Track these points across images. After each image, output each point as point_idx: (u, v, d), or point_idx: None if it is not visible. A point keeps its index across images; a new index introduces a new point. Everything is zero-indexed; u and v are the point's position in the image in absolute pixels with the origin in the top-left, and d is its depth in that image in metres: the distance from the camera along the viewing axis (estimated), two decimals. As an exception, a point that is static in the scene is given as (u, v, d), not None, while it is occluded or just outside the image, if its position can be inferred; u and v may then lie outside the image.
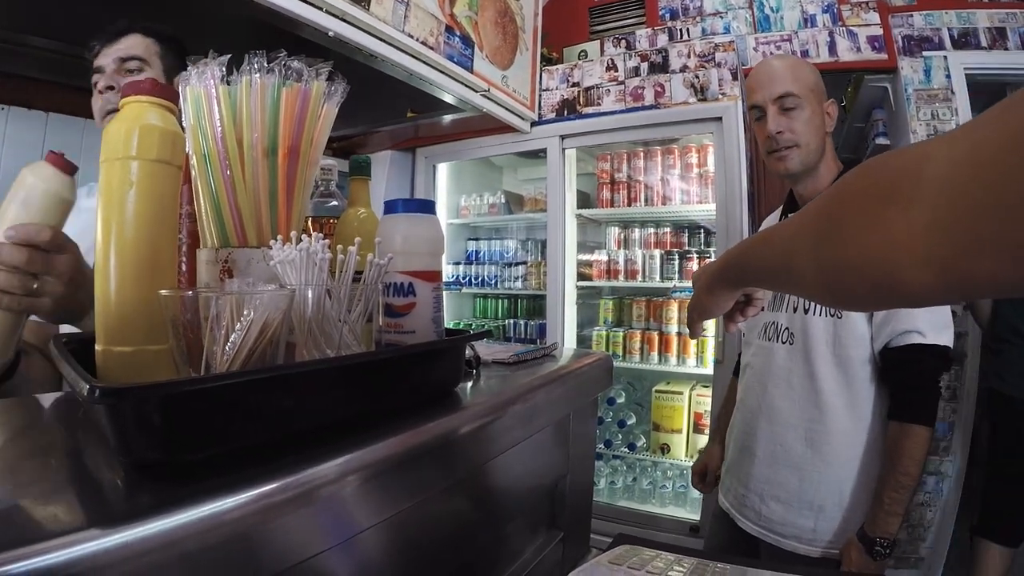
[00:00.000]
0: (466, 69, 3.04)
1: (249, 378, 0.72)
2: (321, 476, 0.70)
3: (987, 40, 3.41)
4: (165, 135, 0.86)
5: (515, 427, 1.13)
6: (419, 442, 0.86)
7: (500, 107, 3.43)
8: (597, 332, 3.86)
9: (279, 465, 0.67)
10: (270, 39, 2.24)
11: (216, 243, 0.97)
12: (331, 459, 0.71)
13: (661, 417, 3.61)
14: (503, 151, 4.00)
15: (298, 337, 0.88)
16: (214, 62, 0.96)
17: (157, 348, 0.85)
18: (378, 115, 3.72)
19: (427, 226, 1.05)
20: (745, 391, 2.05)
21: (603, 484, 3.74)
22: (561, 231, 3.75)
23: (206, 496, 0.58)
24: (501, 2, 3.39)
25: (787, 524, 1.84)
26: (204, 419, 0.67)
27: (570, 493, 1.50)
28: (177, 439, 0.65)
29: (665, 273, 3.67)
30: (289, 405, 0.76)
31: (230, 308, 0.78)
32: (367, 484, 0.76)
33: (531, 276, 4.13)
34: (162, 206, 0.87)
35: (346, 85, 1.09)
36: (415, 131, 4.09)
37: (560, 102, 3.76)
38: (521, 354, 1.46)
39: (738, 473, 2.01)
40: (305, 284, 0.87)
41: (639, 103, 3.54)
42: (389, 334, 1.03)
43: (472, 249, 4.56)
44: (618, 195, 3.84)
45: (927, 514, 3.26)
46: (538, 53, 3.82)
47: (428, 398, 1.00)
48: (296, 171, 0.98)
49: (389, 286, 1.02)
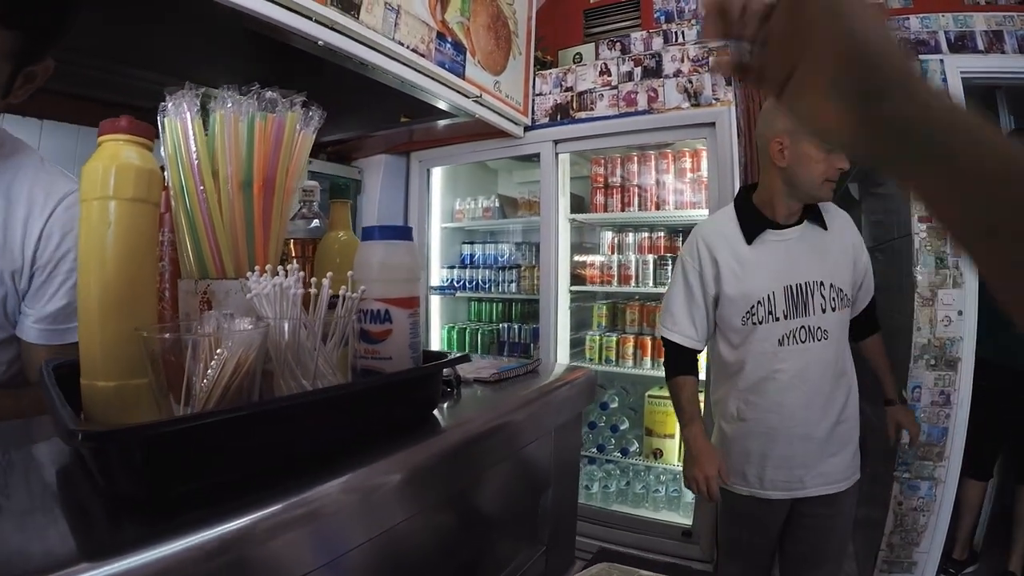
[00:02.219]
0: (458, 75, 3.04)
1: (220, 418, 0.75)
2: (295, 508, 0.72)
3: (984, 43, 3.37)
4: (141, 173, 0.87)
5: (492, 451, 1.15)
6: (390, 470, 0.88)
7: (493, 112, 3.44)
8: (591, 336, 3.87)
9: (258, 497, 0.69)
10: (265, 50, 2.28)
11: (196, 273, 0.98)
12: (301, 492, 0.74)
13: (654, 422, 3.62)
14: (497, 156, 4.01)
15: (275, 367, 0.90)
16: (190, 93, 0.97)
17: (138, 382, 0.86)
18: (372, 120, 3.72)
19: (404, 253, 1.07)
20: (780, 394, 2.16)
21: (596, 488, 3.75)
22: (554, 236, 3.77)
23: (188, 529, 0.61)
24: (494, 7, 3.40)
25: (841, 469, 2.23)
26: (182, 457, 0.70)
27: (553, 507, 1.51)
28: (156, 476, 0.67)
29: (658, 278, 3.68)
30: (263, 439, 0.78)
31: (208, 342, 0.80)
32: (337, 515, 0.78)
33: (525, 280, 4.13)
34: (139, 244, 0.88)
35: (323, 112, 1.10)
36: (410, 135, 4.09)
37: (553, 106, 3.77)
38: (503, 371, 1.47)
39: (791, 464, 2.18)
40: (280, 317, 0.89)
41: (632, 108, 3.55)
42: (366, 360, 1.04)
43: (467, 253, 4.56)
44: (612, 199, 3.84)
45: (920, 519, 3.26)
46: (532, 57, 3.82)
47: (404, 424, 1.01)
48: (272, 202, 1.00)
49: (366, 313, 1.03)
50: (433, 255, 4.44)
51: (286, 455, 0.81)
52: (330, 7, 2.25)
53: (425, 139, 4.17)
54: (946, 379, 3.21)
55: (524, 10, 3.72)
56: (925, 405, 3.23)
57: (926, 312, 3.21)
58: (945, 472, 3.20)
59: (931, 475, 3.23)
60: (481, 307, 4.58)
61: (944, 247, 3.20)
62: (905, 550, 3.29)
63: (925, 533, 3.24)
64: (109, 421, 0.85)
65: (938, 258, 3.23)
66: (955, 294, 3.18)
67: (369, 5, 2.44)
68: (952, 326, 3.19)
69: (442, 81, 2.95)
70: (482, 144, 3.94)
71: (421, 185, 4.34)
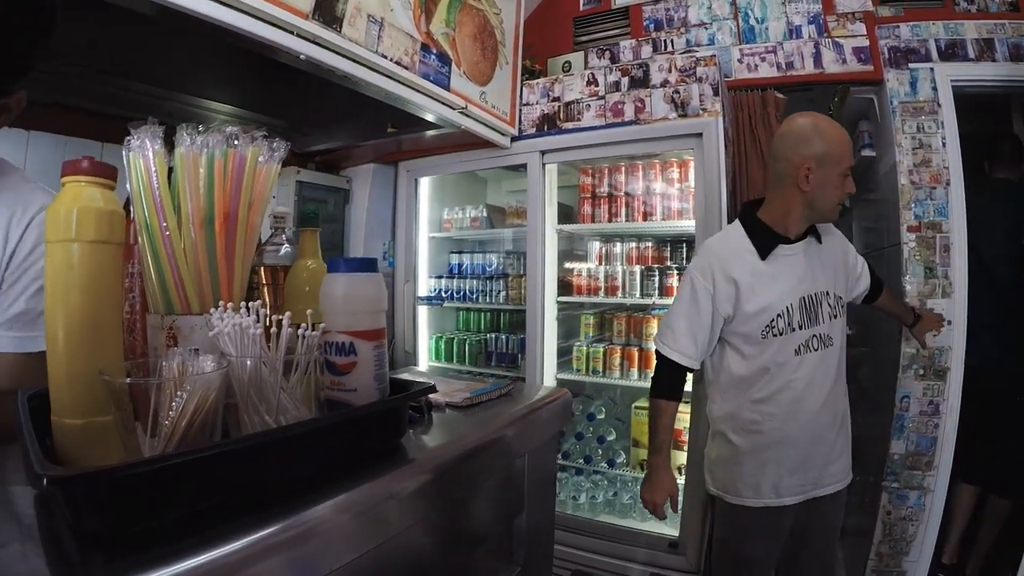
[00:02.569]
0: (442, 87, 3.04)
1: (179, 460, 0.76)
2: (260, 543, 0.74)
3: (975, 51, 3.39)
4: (102, 215, 0.87)
5: (461, 481, 1.16)
6: (356, 504, 0.89)
7: (479, 123, 3.43)
8: (578, 347, 3.85)
9: (223, 532, 0.72)
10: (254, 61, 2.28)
11: (162, 308, 0.99)
12: (266, 527, 0.75)
13: (640, 433, 3.61)
14: (484, 166, 4.00)
15: (239, 402, 0.91)
16: (153, 129, 0.98)
17: (105, 420, 0.87)
18: (361, 129, 3.73)
19: (368, 285, 1.07)
20: (796, 401, 2.23)
21: (583, 499, 3.75)
22: (541, 246, 3.75)
23: (155, 565, 0.63)
24: (480, 17, 3.40)
25: (845, 468, 2.37)
26: (144, 496, 0.72)
27: (528, 528, 1.52)
28: (120, 516, 0.70)
29: (645, 289, 3.67)
30: (224, 477, 0.80)
31: (173, 380, 0.81)
32: (303, 548, 0.79)
33: (513, 290, 4.11)
34: (102, 285, 0.89)
35: (287, 144, 1.10)
36: (398, 145, 4.08)
37: (540, 117, 3.75)
38: (475, 395, 1.48)
39: (807, 467, 2.26)
40: (241, 355, 0.90)
41: (619, 119, 3.54)
42: (332, 391, 1.05)
43: (455, 262, 4.55)
44: (599, 210, 3.83)
45: (910, 528, 3.28)
46: (519, 67, 3.81)
47: (370, 457, 1.02)
48: (235, 236, 1.00)
49: (331, 345, 1.04)
50: (421, 265, 4.42)
51: (249, 492, 0.82)
52: (312, 21, 2.25)
53: (413, 149, 4.16)
54: (935, 389, 3.25)
55: (512, 20, 3.72)
56: (914, 415, 3.26)
57: (915, 321, 3.23)
58: (934, 481, 3.23)
59: (920, 484, 3.25)
60: (469, 317, 4.57)
61: (933, 257, 3.22)
62: (894, 559, 3.32)
63: (914, 543, 3.27)
64: (78, 457, 0.87)
65: (927, 268, 3.26)
66: (944, 304, 3.21)
67: (352, 18, 2.44)
68: (941, 336, 3.18)
69: (427, 93, 2.95)
70: (469, 154, 3.93)
71: (409, 195, 4.33)
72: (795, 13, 3.84)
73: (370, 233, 4.21)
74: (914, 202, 3.30)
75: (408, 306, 4.31)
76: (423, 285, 4.40)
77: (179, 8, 1.82)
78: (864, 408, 2.66)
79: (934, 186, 3.28)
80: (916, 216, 3.29)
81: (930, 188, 3.28)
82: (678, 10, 4.18)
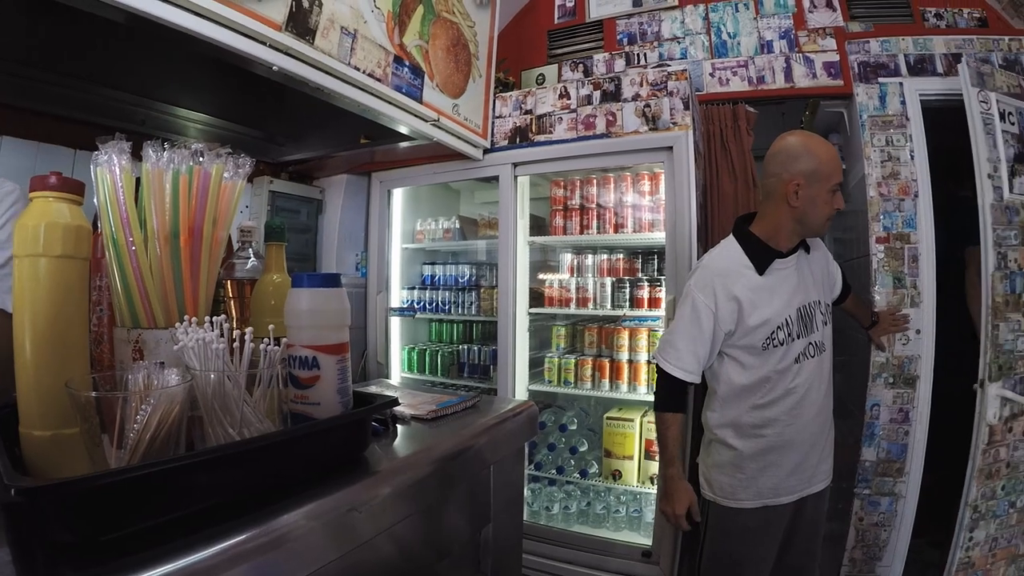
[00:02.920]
0: (415, 100, 3.05)
1: (143, 472, 0.77)
2: (223, 553, 0.76)
3: (943, 66, 3.45)
4: (68, 231, 0.89)
5: (424, 493, 1.17)
6: (317, 516, 0.90)
7: (451, 136, 3.44)
8: (549, 358, 3.86)
9: (186, 543, 0.73)
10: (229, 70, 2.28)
11: (128, 322, 1.00)
12: (229, 538, 0.77)
13: (612, 444, 3.63)
14: (456, 178, 3.99)
15: (203, 414, 0.92)
16: (120, 144, 0.99)
17: (72, 432, 0.89)
18: (333, 140, 3.71)
19: (332, 300, 1.09)
20: (797, 407, 2.31)
21: (557, 509, 3.75)
22: (512, 258, 3.76)
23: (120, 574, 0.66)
24: (454, 29, 3.41)
25: (831, 466, 2.48)
26: (110, 507, 0.73)
27: (495, 540, 1.53)
28: (85, 526, 0.72)
29: (616, 301, 3.69)
30: (186, 490, 0.81)
31: (138, 393, 0.83)
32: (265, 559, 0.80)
33: (485, 301, 4.11)
34: (69, 299, 0.90)
35: (252, 160, 1.12)
36: (371, 156, 4.08)
37: (513, 129, 3.77)
38: (441, 408, 1.49)
39: (803, 467, 2.36)
40: (205, 369, 0.91)
41: (591, 132, 3.56)
42: (296, 404, 1.06)
43: (428, 274, 4.54)
44: (571, 222, 3.84)
45: (882, 534, 3.32)
46: (492, 80, 3.82)
47: (332, 469, 1.03)
48: (200, 252, 1.02)
49: (295, 359, 1.05)
50: (394, 276, 4.41)
51: (213, 504, 0.84)
52: (285, 33, 2.25)
53: (386, 160, 4.16)
54: (904, 396, 3.28)
55: (485, 32, 3.73)
56: (884, 423, 3.30)
57: (885, 331, 3.28)
58: (906, 488, 3.27)
59: (892, 491, 3.29)
60: (442, 328, 4.56)
61: (902, 267, 3.27)
62: (868, 565, 3.36)
63: (887, 548, 3.31)
64: (46, 468, 0.88)
65: (896, 278, 3.30)
66: (913, 313, 3.25)
67: (325, 30, 2.44)
68: (910, 345, 3.27)
69: (399, 105, 2.95)
70: (442, 166, 3.94)
71: (382, 205, 4.33)
72: (767, 28, 3.88)
73: (343, 243, 4.21)
74: (883, 213, 3.34)
75: (380, 317, 4.29)
76: (395, 296, 4.39)
77: (150, 17, 1.81)
78: (836, 415, 2.68)
79: (902, 198, 3.32)
80: (885, 227, 3.34)
81: (898, 200, 3.33)
82: (651, 24, 4.22)
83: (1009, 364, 2.96)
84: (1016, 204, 2.97)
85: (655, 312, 3.55)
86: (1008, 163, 2.98)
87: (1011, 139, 3.02)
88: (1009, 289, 2.95)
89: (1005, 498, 3.03)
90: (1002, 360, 2.94)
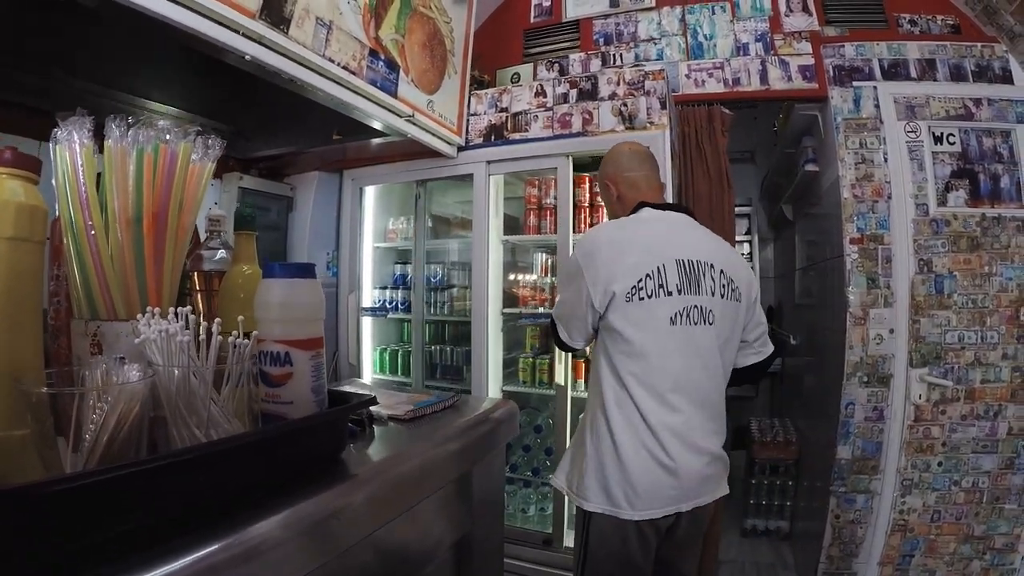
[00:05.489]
0: (390, 94, 3.00)
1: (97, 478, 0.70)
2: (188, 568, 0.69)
3: (916, 71, 3.49)
4: (22, 210, 0.82)
5: (402, 497, 1.12)
6: (289, 523, 0.84)
7: (425, 132, 3.39)
8: (523, 359, 3.83)
9: (146, 557, 0.67)
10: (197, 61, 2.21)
11: (86, 313, 0.93)
12: (193, 551, 0.71)
13: (588, 444, 3.59)
14: (430, 175, 3.95)
15: (167, 414, 0.86)
16: (82, 121, 0.92)
17: (21, 433, 0.82)
18: (305, 136, 3.65)
19: (305, 292, 1.03)
20: None
21: (533, 511, 3.72)
22: (485, 257, 3.72)
23: None
24: (431, 25, 3.37)
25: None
26: (63, 517, 0.66)
27: (476, 546, 1.48)
28: (37, 538, 0.64)
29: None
30: (149, 495, 0.75)
31: (95, 391, 0.76)
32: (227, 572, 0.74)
33: (458, 301, 4.07)
34: (21, 286, 0.84)
35: (222, 142, 1.05)
36: (343, 153, 4.02)
37: (488, 127, 3.73)
38: (419, 407, 1.44)
39: None
40: (169, 364, 0.84)
41: (567, 130, 3.54)
42: (267, 404, 1.00)
43: (400, 273, 4.46)
44: (545, 221, 3.81)
45: (858, 531, 3.37)
46: (467, 77, 3.78)
47: (306, 473, 0.97)
48: (164, 238, 0.95)
49: (266, 355, 0.99)
50: (365, 275, 4.35)
51: (178, 511, 0.77)
52: (259, 21, 2.19)
53: (359, 157, 4.11)
54: (879, 395, 3.35)
55: (462, 29, 3.69)
56: (859, 421, 3.37)
57: (858, 331, 3.35)
58: (880, 485, 3.32)
59: (867, 488, 3.37)
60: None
61: (875, 268, 3.29)
62: (844, 562, 3.44)
63: (863, 545, 3.38)
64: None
65: (869, 278, 3.34)
66: (887, 313, 3.31)
67: (300, 20, 2.39)
68: (884, 344, 3.33)
69: (373, 99, 2.90)
70: (415, 164, 3.90)
71: (354, 204, 4.27)
72: (743, 31, 3.90)
73: (314, 242, 4.14)
74: (856, 215, 3.38)
75: (352, 317, 4.23)
76: (367, 296, 4.33)
77: (120, 0, 1.75)
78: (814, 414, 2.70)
79: (876, 199, 3.36)
80: (859, 229, 3.38)
81: (872, 201, 3.36)
82: (628, 25, 4.21)
83: (936, 354, 3.31)
84: (948, 216, 3.31)
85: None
86: (943, 180, 3.34)
87: (948, 158, 3.35)
88: (935, 290, 3.28)
89: (944, 475, 3.32)
90: (925, 350, 3.32)
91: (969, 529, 3.29)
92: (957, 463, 3.28)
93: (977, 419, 3.25)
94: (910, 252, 3.30)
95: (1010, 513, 3.26)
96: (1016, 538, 3.26)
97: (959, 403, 3.26)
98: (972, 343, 3.26)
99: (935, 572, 3.33)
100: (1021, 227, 3.23)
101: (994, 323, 3.23)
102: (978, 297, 3.25)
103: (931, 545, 3.31)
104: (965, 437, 3.26)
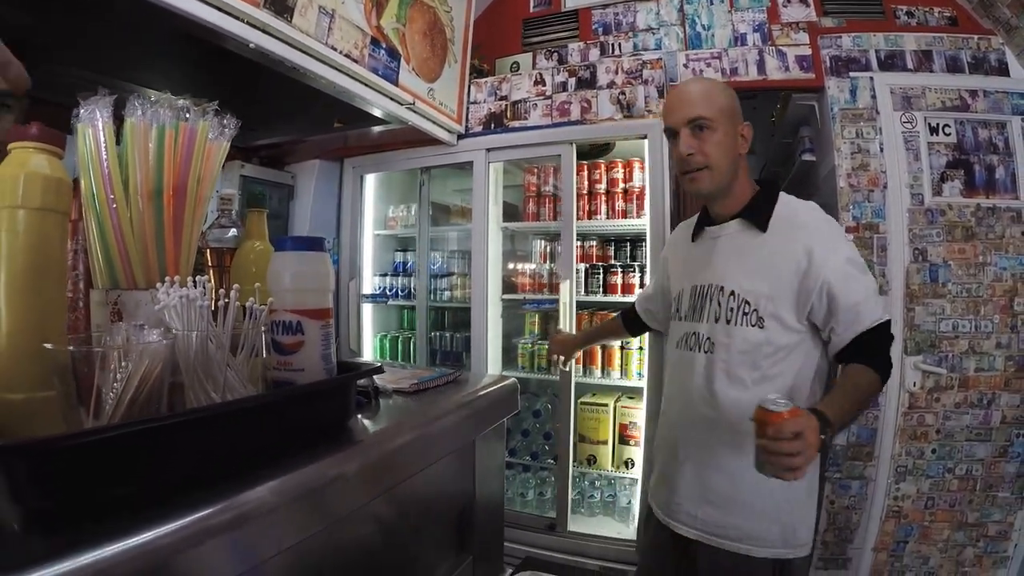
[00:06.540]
0: (391, 82, 3.03)
1: (119, 432, 0.74)
2: (203, 520, 0.72)
3: (913, 62, 3.50)
4: (49, 182, 0.86)
5: (407, 464, 1.15)
6: (301, 484, 0.88)
7: (426, 120, 3.43)
8: (523, 344, 3.87)
9: (161, 512, 0.70)
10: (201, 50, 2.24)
11: (106, 283, 0.97)
12: (210, 505, 0.74)
13: (586, 429, 3.65)
14: (430, 163, 3.99)
15: (185, 379, 0.90)
16: (104, 99, 0.96)
17: (46, 395, 0.85)
18: (307, 124, 3.68)
19: (316, 264, 1.07)
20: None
21: (532, 496, 3.76)
22: (485, 245, 3.76)
23: (96, 542, 0.61)
24: (431, 13, 3.40)
25: (722, 526, 1.84)
26: (86, 470, 0.69)
27: (479, 516, 1.52)
28: (59, 490, 0.68)
29: (589, 287, 3.70)
30: (167, 453, 0.78)
31: (116, 355, 0.79)
32: (248, 527, 0.78)
33: (458, 288, 4.11)
34: (47, 254, 0.87)
35: (238, 122, 1.09)
36: (344, 141, 4.06)
37: (487, 115, 3.77)
38: (423, 381, 1.48)
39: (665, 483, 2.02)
40: (188, 330, 0.88)
41: (566, 118, 3.58)
42: (279, 371, 1.04)
43: (400, 260, 4.50)
44: (544, 208, 3.86)
45: (853, 517, 3.39)
46: (467, 65, 3.82)
47: (316, 437, 1.01)
48: (183, 210, 0.99)
49: (278, 324, 1.03)
50: (366, 263, 4.39)
51: (193, 469, 0.80)
52: (263, 10, 2.23)
53: (359, 145, 4.14)
54: None
55: (462, 18, 3.72)
56: None
57: (853, 318, 3.32)
58: (875, 471, 3.34)
59: (862, 474, 3.36)
60: (413, 315, 4.48)
61: (871, 256, 3.31)
62: (839, 547, 3.44)
63: (858, 530, 3.39)
64: (19, 432, 0.84)
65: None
66: (883, 301, 3.30)
67: (303, 8, 2.42)
68: None
69: (375, 87, 2.94)
70: (416, 151, 3.94)
71: (354, 191, 4.30)
72: (741, 21, 3.90)
73: (315, 230, 4.15)
74: (852, 204, 3.38)
75: (353, 304, 4.27)
76: (368, 283, 4.37)
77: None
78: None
79: (871, 189, 3.37)
80: (854, 217, 3.38)
81: (868, 191, 3.37)
82: (627, 15, 4.21)
83: (930, 342, 3.30)
84: (943, 206, 3.31)
85: (628, 298, 3.53)
86: (938, 171, 3.33)
87: (943, 149, 3.35)
88: (929, 279, 3.27)
89: (938, 462, 3.32)
90: (920, 338, 3.30)
91: (963, 516, 3.31)
92: (951, 450, 3.30)
93: (971, 407, 3.28)
94: (905, 241, 3.30)
95: (1003, 501, 3.27)
96: (1009, 526, 3.27)
97: (953, 391, 3.28)
98: (966, 332, 3.27)
99: (929, 558, 3.35)
100: (1015, 218, 3.25)
101: (988, 312, 3.25)
102: (972, 286, 3.27)
103: (925, 532, 3.34)
104: (959, 425, 3.28)
